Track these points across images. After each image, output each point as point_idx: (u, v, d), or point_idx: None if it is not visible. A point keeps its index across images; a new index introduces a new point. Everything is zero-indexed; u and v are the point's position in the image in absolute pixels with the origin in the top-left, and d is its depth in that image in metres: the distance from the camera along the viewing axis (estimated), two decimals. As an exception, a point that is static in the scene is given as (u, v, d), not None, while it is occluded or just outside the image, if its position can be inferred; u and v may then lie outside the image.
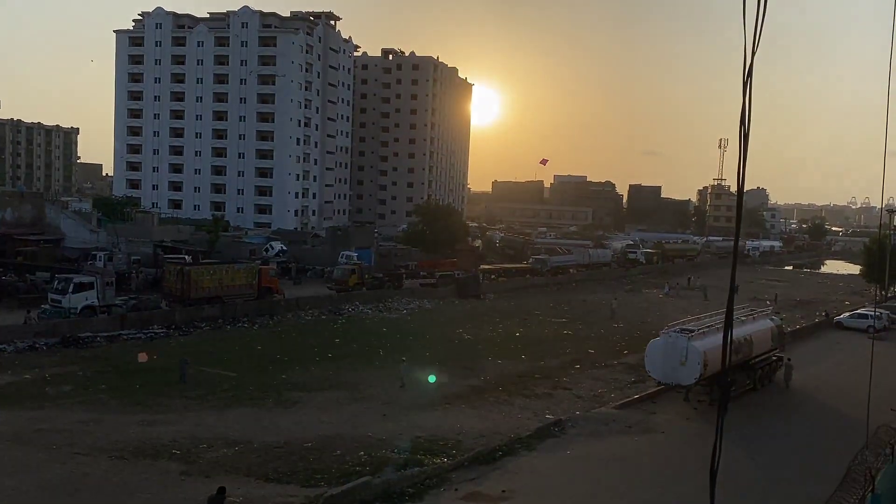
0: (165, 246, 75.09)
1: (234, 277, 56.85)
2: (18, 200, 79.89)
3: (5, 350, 40.23)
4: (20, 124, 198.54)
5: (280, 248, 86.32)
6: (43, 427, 27.53)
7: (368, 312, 59.75)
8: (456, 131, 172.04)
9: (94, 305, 48.85)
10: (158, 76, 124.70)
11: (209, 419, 29.71)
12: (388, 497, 21.91)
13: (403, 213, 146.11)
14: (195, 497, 21.28)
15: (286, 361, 41.00)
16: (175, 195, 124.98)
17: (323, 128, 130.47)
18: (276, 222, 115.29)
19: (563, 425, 30.02)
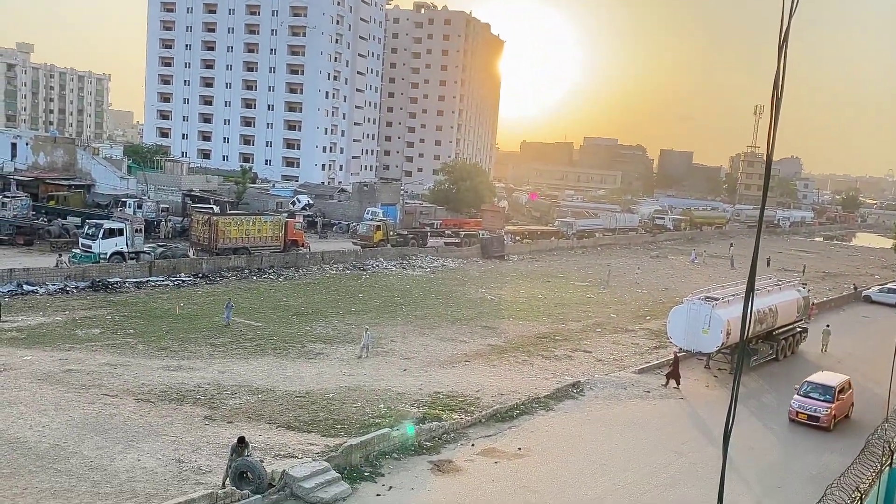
0: (194, 195, 75.79)
1: (261, 229, 57.35)
2: (51, 145, 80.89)
3: (37, 292, 41.19)
4: (53, 69, 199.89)
5: (307, 201, 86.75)
6: (73, 368, 28.29)
7: (392, 269, 60.08)
8: (486, 90, 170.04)
9: (123, 251, 49.66)
10: (190, 25, 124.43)
11: (234, 367, 30.30)
12: (406, 449, 22.30)
13: (430, 171, 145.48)
14: (217, 441, 21.84)
15: (310, 314, 41.52)
16: (204, 145, 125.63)
17: (352, 82, 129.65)
18: (304, 176, 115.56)
19: (582, 387, 30.19)
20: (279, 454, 21.25)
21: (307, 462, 19.91)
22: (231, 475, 18.25)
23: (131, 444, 21.44)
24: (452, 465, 21.75)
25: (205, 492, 17.48)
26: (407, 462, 21.66)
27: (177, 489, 18.63)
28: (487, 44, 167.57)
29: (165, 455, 20.80)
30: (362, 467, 20.74)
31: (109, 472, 19.51)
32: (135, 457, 20.54)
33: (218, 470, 19.45)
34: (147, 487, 18.76)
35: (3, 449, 20.43)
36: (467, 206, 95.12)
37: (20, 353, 29.88)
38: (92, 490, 18.41)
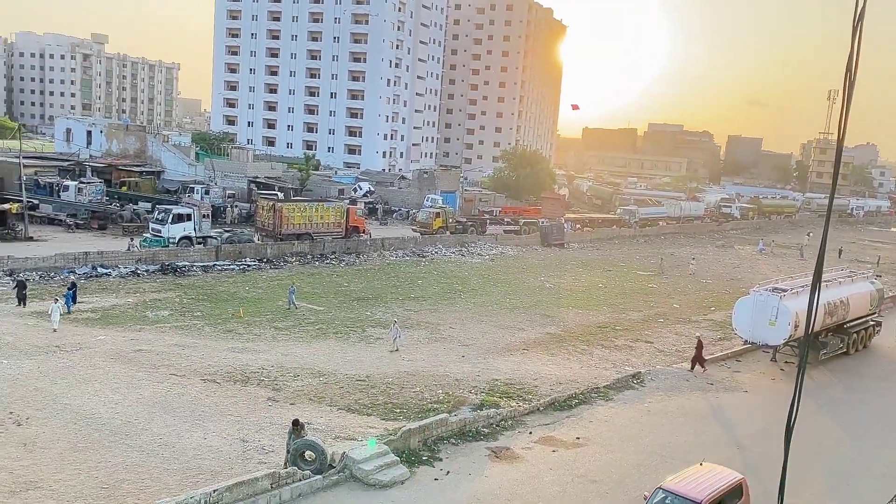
0: (259, 182, 77.45)
1: (324, 215, 58.28)
2: (124, 133, 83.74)
3: (110, 275, 42.86)
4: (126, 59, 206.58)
5: (368, 188, 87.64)
6: (143, 348, 29.37)
7: (451, 256, 60.25)
8: (547, 75, 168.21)
9: (192, 236, 51.20)
10: (256, 14, 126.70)
11: (296, 350, 30.96)
12: (464, 435, 22.43)
13: (490, 158, 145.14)
14: (279, 422, 22.37)
15: (370, 299, 42.04)
16: (269, 132, 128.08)
17: (413, 69, 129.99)
18: (365, 163, 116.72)
19: (642, 378, 29.77)
20: (339, 436, 21.64)
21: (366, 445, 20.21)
22: (291, 455, 18.69)
23: (198, 422, 22.16)
24: (510, 452, 21.78)
25: (267, 471, 17.95)
26: (465, 448, 21.79)
27: (241, 467, 19.19)
28: (549, 29, 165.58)
29: (230, 434, 21.43)
30: (420, 451, 20.96)
31: (177, 449, 20.23)
32: (201, 435, 21.23)
33: (280, 450, 19.93)
34: (212, 465, 19.38)
35: (80, 424, 21.40)
36: (527, 193, 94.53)
37: (95, 332, 31.19)
38: (161, 466, 19.13)
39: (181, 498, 16.17)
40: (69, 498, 17.16)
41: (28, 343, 28.73)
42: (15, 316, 32.86)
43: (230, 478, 17.92)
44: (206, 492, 16.53)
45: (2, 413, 21.76)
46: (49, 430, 20.83)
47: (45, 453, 19.40)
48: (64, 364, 26.60)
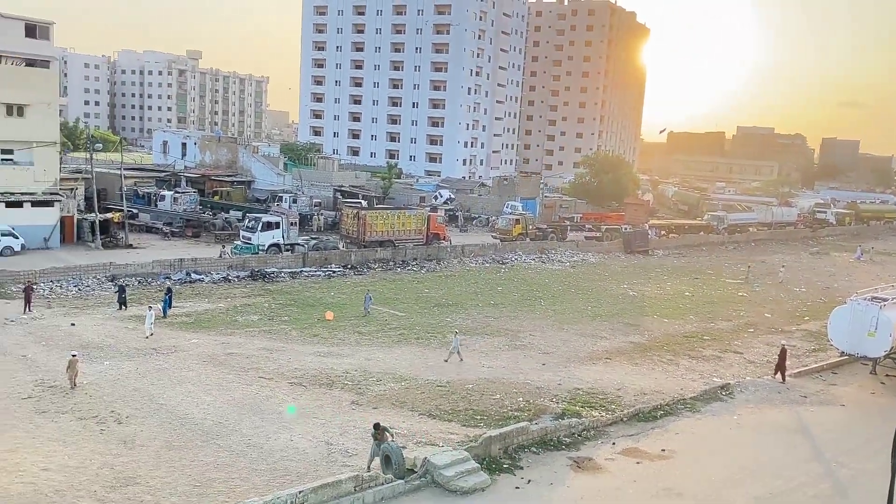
0: (343, 190, 79.18)
1: (405, 223, 59.04)
2: (216, 144, 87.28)
3: (203, 280, 44.68)
4: (218, 73, 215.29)
5: (448, 195, 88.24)
6: (233, 351, 30.48)
7: (531, 263, 59.92)
8: (630, 79, 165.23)
9: (280, 243, 52.85)
10: (341, 27, 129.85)
11: (379, 354, 31.46)
12: (545, 444, 22.23)
13: (571, 163, 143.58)
14: (363, 425, 22.76)
15: (450, 305, 42.28)
16: (353, 142, 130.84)
17: (494, 77, 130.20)
18: (446, 171, 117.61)
19: (732, 390, 28.79)
20: (420, 441, 21.84)
21: (448, 451, 20.33)
22: (381, 458, 19.07)
23: (285, 424, 22.81)
24: (592, 463, 21.45)
25: (351, 474, 18.30)
26: (546, 457, 21.60)
27: (325, 470, 19.63)
28: (632, 32, 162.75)
29: (315, 437, 21.96)
30: (501, 459, 20.91)
31: (265, 450, 20.88)
32: (288, 437, 21.84)
33: (363, 453, 20.29)
34: (298, 467, 19.90)
35: (175, 424, 22.39)
36: (609, 199, 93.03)
37: (188, 336, 32.59)
38: (249, 466, 19.79)
39: (268, 498, 16.67)
40: (164, 494, 17.97)
41: (127, 345, 30.28)
42: (116, 319, 34.70)
43: (315, 479, 18.36)
44: (291, 493, 16.99)
45: (104, 411, 23.01)
46: (146, 429, 21.88)
47: (142, 451, 20.38)
48: (160, 366, 27.90)
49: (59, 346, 29.03)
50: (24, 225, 48.37)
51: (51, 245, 50.23)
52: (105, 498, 17.61)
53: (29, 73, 51.85)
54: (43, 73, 52.75)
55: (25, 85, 50.51)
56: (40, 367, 26.94)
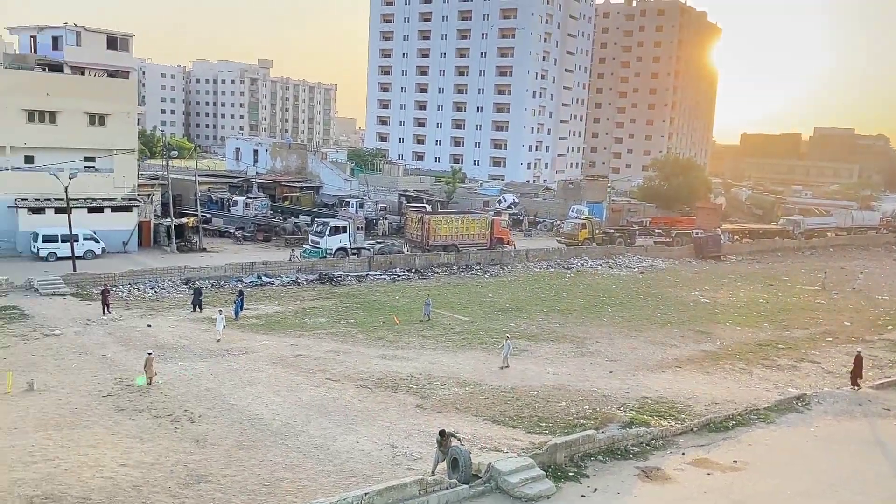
0: (408, 195, 79.85)
1: (469, 227, 59.09)
2: (286, 151, 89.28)
3: (273, 283, 45.70)
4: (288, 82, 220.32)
5: (512, 200, 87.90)
6: (302, 353, 31.05)
7: (597, 268, 59.09)
8: (701, 80, 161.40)
9: (347, 247, 53.66)
10: (407, 34, 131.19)
11: (443, 358, 31.53)
12: (612, 452, 21.83)
13: (639, 166, 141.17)
14: (427, 429, 22.83)
15: (514, 310, 42.04)
16: (418, 148, 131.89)
17: (560, 80, 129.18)
18: (510, 175, 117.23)
19: (808, 400, 27.67)
20: (485, 447, 21.75)
21: (512, 457, 20.19)
22: (448, 461, 19.11)
23: (351, 426, 23.07)
24: (661, 473, 20.94)
25: (416, 477, 18.35)
26: (613, 466, 21.21)
27: (390, 472, 19.76)
28: (703, 32, 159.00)
29: (381, 439, 22.14)
30: (567, 467, 20.63)
31: (332, 451, 21.16)
32: (354, 439, 22.08)
33: (428, 457, 20.34)
34: (364, 469, 20.09)
35: (245, 424, 22.93)
36: (680, 203, 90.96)
37: (259, 337, 33.37)
38: (317, 467, 20.08)
39: (335, 499, 16.87)
40: (235, 492, 18.40)
41: (200, 346, 31.20)
42: (190, 321, 35.81)
43: (380, 482, 18.48)
44: (357, 494, 17.15)
45: (178, 410, 23.75)
46: (218, 428, 22.47)
47: (214, 449, 20.93)
48: (231, 367, 28.64)
49: (136, 347, 30.12)
50: (104, 229, 50.50)
51: (129, 249, 52.27)
52: (179, 494, 18.15)
53: (110, 83, 54.16)
54: (123, 84, 55.01)
55: (107, 95, 52.78)
56: (119, 366, 28.02)
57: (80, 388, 25.42)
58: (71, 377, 26.46)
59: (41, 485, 18.17)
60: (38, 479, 18.43)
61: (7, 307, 35.75)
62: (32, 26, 55.61)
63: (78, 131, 51.53)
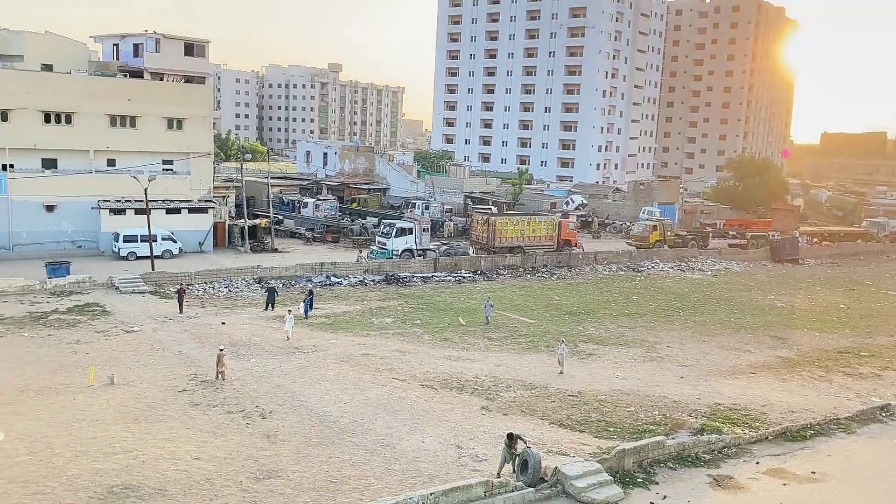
0: (474, 197, 79.88)
1: (536, 229, 58.65)
2: (354, 153, 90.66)
3: (341, 283, 46.40)
4: (357, 85, 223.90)
5: (580, 201, 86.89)
6: (368, 352, 31.40)
7: (669, 271, 57.78)
8: (779, 77, 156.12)
9: (413, 249, 54.03)
10: (474, 35, 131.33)
11: (509, 361, 31.36)
12: (682, 459, 21.29)
13: (713, 167, 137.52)
14: (492, 431, 22.74)
15: (582, 314, 41.50)
16: (484, 149, 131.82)
17: (630, 79, 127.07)
18: (578, 175, 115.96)
19: (893, 411, 26.38)
20: (551, 451, 21.51)
21: (579, 461, 19.92)
22: (517, 462, 19.00)
23: (417, 426, 23.18)
24: (734, 482, 20.29)
25: (481, 479, 18.29)
26: (683, 473, 20.67)
27: (456, 473, 19.75)
28: (781, 28, 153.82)
29: (446, 440, 22.16)
30: (635, 473, 20.22)
31: (398, 450, 21.30)
32: (419, 439, 22.17)
33: (493, 459, 20.25)
34: (430, 468, 20.14)
35: (314, 420, 23.32)
36: (755, 204, 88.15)
37: (327, 336, 33.91)
38: (383, 465, 20.25)
39: (400, 498, 16.97)
40: (304, 488, 18.72)
41: (272, 344, 31.92)
42: (262, 319, 36.69)
43: (446, 482, 18.50)
44: (423, 494, 17.20)
45: (250, 406, 24.35)
46: (288, 424, 22.92)
47: (284, 445, 21.36)
48: (301, 364, 29.20)
49: (211, 343, 31.02)
50: (181, 230, 52.29)
51: (205, 249, 53.96)
52: (250, 488, 18.58)
53: (187, 89, 56.09)
54: (199, 89, 56.87)
55: (184, 100, 54.66)
56: (194, 362, 28.92)
57: (157, 382, 26.36)
58: (149, 372, 27.47)
59: (120, 475, 18.90)
60: (118, 470, 19.17)
61: (90, 304, 37.40)
62: (115, 34, 58.12)
63: (157, 135, 53.57)
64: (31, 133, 49.17)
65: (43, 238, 49.45)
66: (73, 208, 50.23)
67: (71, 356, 28.98)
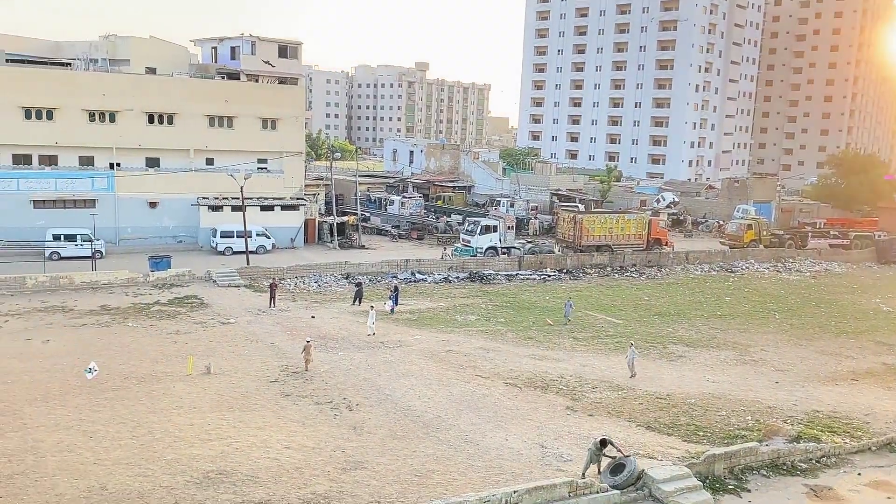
0: (560, 194, 79.02)
1: (624, 227, 57.51)
2: (440, 151, 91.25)
3: (426, 280, 46.84)
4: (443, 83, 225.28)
5: (671, 199, 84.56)
6: (452, 349, 31.59)
7: (764, 271, 55.56)
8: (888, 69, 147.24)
9: (497, 246, 53.97)
10: (562, 30, 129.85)
11: (594, 361, 30.91)
12: (777, 467, 20.45)
13: (813, 163, 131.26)
14: (577, 432, 22.48)
15: (672, 314, 40.44)
16: (572, 146, 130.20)
17: (725, 73, 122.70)
18: (669, 173, 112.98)
19: None
20: (638, 453, 21.07)
21: (667, 465, 19.45)
22: (609, 464, 18.85)
23: (500, 424, 23.16)
24: (833, 493, 19.35)
25: (566, 479, 18.11)
26: (777, 482, 19.86)
27: (540, 472, 19.63)
28: (890, 17, 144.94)
29: (530, 439, 22.05)
30: (726, 479, 19.57)
31: (481, 447, 21.34)
32: (503, 436, 22.15)
33: (578, 459, 20.01)
34: (513, 466, 20.10)
35: (398, 414, 23.66)
36: (859, 203, 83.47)
37: (412, 332, 34.33)
38: (466, 462, 20.34)
39: (484, 495, 17.01)
40: (388, 481, 19.03)
41: (358, 338, 32.58)
42: (349, 314, 37.50)
43: (529, 481, 18.42)
44: (507, 492, 17.19)
45: (338, 398, 24.93)
46: (374, 417, 23.34)
47: (370, 437, 21.77)
48: (386, 359, 29.67)
49: (301, 336, 31.89)
50: (274, 226, 54.05)
51: (296, 245, 55.59)
52: (337, 478, 19.03)
53: (281, 90, 57.87)
54: (292, 90, 58.58)
55: (278, 101, 56.44)
56: (285, 354, 29.85)
57: (250, 373, 27.36)
58: (243, 363, 28.54)
59: (215, 461, 19.72)
60: (213, 456, 20.02)
61: (189, 296, 39.17)
62: (213, 38, 60.61)
63: (252, 135, 55.55)
64: (136, 133, 51.92)
65: (146, 233, 52.13)
66: (175, 205, 52.72)
67: (171, 346, 30.45)
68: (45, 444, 20.47)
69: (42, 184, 49.52)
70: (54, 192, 49.65)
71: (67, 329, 32.43)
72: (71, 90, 49.99)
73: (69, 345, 29.96)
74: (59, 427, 21.66)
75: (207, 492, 17.97)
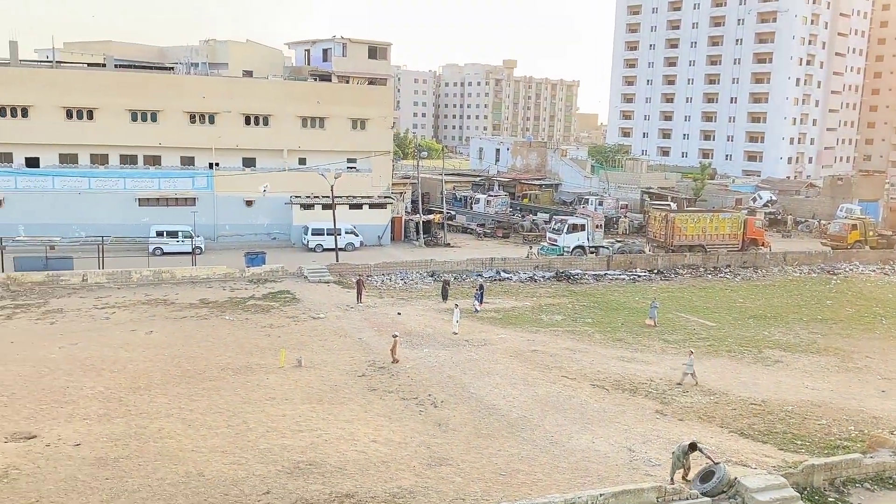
0: (651, 192, 77.16)
1: (718, 226, 55.63)
2: (527, 149, 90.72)
3: (511, 279, 46.69)
4: (531, 80, 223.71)
5: (769, 197, 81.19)
6: (538, 349, 31.36)
7: (870, 274, 52.59)
8: None
9: (584, 246, 53.23)
10: (654, 25, 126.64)
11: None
12: (882, 481, 19.31)
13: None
14: (667, 436, 21.90)
15: (768, 318, 38.84)
16: (664, 142, 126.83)
17: (828, 65, 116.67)
18: (766, 170, 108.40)
19: None
20: (730, 460, 20.35)
21: (761, 474, 18.71)
22: (700, 471, 18.32)
23: (587, 426, 22.84)
24: (946, 513, 18.12)
25: (654, 484, 17.69)
26: (883, 495, 18.76)
27: (627, 476, 19.25)
28: None
29: (617, 442, 21.65)
30: (826, 491, 18.64)
31: (567, 448, 21.11)
32: (589, 439, 21.84)
33: (667, 464, 19.51)
34: (599, 469, 19.78)
35: (483, 413, 23.69)
36: (978, 202, 77.82)
37: (497, 331, 34.29)
38: (551, 463, 20.16)
39: (569, 496, 16.81)
40: (473, 478, 19.08)
41: (443, 336, 32.81)
42: (435, 311, 37.81)
43: (616, 484, 18.09)
44: (593, 494, 16.93)
45: (423, 394, 25.19)
46: (458, 415, 23.46)
47: (454, 434, 21.89)
48: (471, 357, 29.75)
49: (388, 332, 32.43)
50: (362, 224, 55.15)
51: (383, 242, 56.51)
52: (422, 474, 19.24)
53: (370, 90, 58.94)
54: (381, 90, 59.58)
55: (367, 101, 57.52)
56: (372, 349, 30.39)
57: (339, 367, 28.00)
58: (332, 357, 29.24)
59: (306, 452, 20.30)
60: (304, 447, 20.61)
61: (282, 291, 40.44)
62: (307, 41, 62.33)
63: (342, 135, 56.84)
64: (234, 134, 54.01)
65: (242, 230, 54.17)
66: (269, 203, 54.55)
67: (265, 339, 31.54)
68: (148, 430, 21.58)
69: (146, 183, 52.27)
70: (157, 191, 52.31)
71: (169, 321, 34.09)
72: (174, 93, 52.52)
73: (170, 336, 31.49)
74: (160, 415, 22.80)
75: (298, 481, 18.51)
